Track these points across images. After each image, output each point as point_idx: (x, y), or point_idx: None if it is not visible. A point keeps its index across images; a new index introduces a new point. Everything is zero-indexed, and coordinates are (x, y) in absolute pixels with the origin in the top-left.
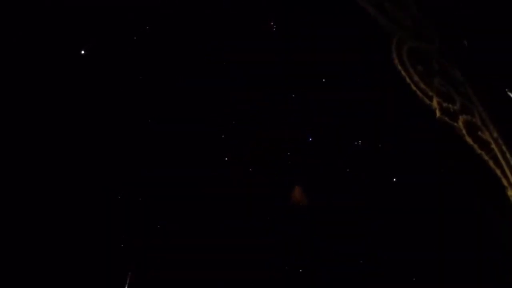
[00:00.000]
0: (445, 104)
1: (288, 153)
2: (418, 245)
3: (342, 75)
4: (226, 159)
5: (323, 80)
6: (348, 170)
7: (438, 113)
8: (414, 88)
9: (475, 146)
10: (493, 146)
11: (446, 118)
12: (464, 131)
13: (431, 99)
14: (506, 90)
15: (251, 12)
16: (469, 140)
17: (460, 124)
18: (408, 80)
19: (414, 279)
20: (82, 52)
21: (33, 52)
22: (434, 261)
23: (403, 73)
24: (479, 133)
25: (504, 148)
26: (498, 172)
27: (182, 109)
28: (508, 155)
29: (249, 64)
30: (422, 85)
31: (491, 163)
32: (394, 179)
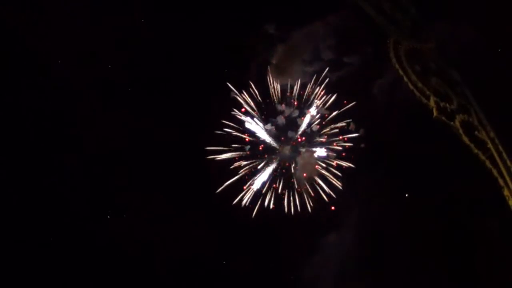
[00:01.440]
0: (442, 104)
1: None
2: (417, 244)
3: (342, 75)
4: None
5: (321, 79)
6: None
7: (435, 112)
8: (411, 87)
9: (472, 145)
10: (490, 146)
11: (443, 118)
12: (460, 131)
13: (428, 98)
14: None
15: None
16: (465, 139)
17: (457, 123)
18: (405, 79)
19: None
20: None
21: None
22: (434, 260)
23: (400, 72)
24: (476, 132)
25: (500, 148)
26: (495, 172)
27: None
28: (504, 155)
29: None
30: (419, 85)
31: (487, 163)
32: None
